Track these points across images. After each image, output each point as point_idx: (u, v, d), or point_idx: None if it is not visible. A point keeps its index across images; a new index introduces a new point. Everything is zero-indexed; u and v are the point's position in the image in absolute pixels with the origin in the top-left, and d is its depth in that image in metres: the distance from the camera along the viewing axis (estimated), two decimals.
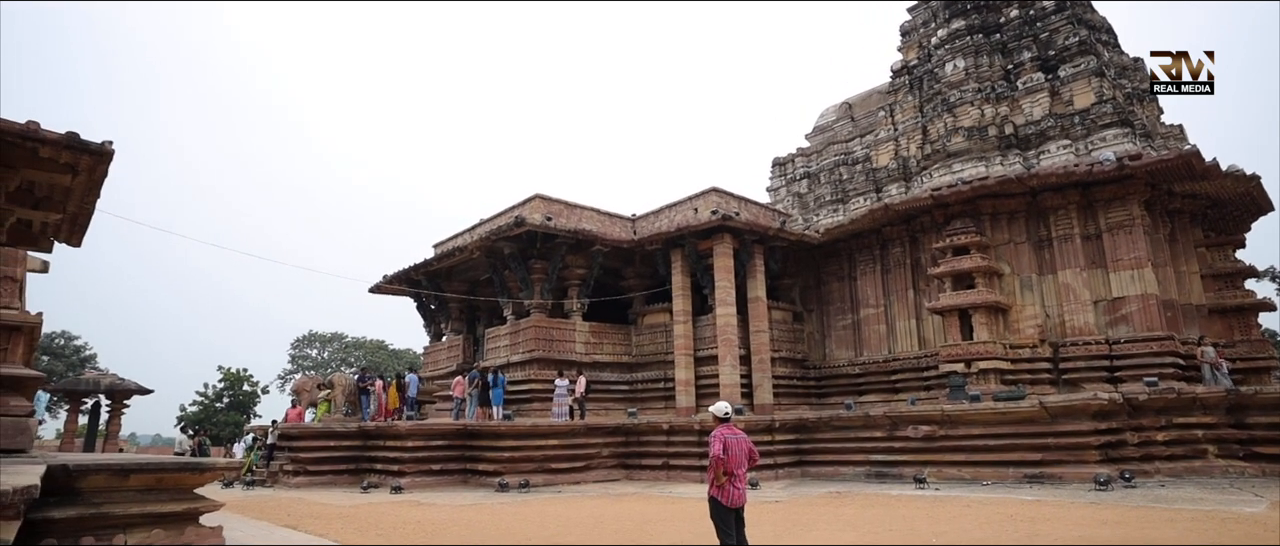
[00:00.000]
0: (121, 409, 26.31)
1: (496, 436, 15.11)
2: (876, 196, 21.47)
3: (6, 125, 8.34)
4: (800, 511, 10.48)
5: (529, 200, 20.02)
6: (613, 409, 19.23)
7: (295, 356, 54.77)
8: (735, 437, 5.46)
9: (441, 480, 15.00)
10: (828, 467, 16.10)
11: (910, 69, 21.86)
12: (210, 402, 41.07)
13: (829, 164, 23.63)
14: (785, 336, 20.85)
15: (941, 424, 14.39)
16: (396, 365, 47.17)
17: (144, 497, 6.42)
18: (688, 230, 18.72)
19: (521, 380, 18.70)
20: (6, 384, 7.19)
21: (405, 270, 23.00)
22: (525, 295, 19.65)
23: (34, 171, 9.27)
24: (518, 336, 19.50)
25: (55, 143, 8.82)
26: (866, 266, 20.57)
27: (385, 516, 10.40)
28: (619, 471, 16.60)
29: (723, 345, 18.21)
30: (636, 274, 21.29)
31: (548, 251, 19.35)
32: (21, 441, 7.12)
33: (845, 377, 20.34)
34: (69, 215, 11.12)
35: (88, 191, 10.27)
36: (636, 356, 20.67)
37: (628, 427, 16.82)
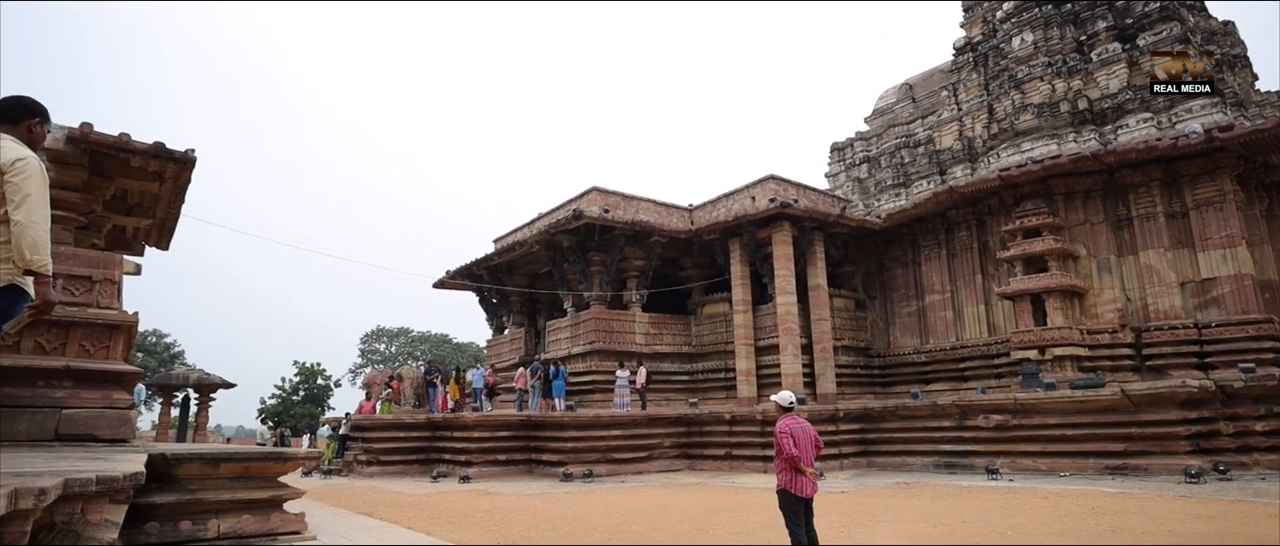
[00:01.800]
0: (208, 402, 27.80)
1: (560, 427, 15.35)
2: (940, 179, 20.80)
3: (101, 138, 8.92)
4: (868, 502, 10.31)
5: (586, 193, 20.18)
6: (673, 399, 19.28)
7: (365, 351, 56.75)
8: (801, 427, 5.40)
9: (507, 470, 15.34)
10: (894, 458, 15.76)
11: (974, 46, 21.04)
12: (288, 396, 43.02)
13: (889, 147, 23.00)
14: (847, 324, 20.46)
15: (1014, 413, 13.90)
16: (460, 358, 48.38)
17: (233, 485, 6.80)
18: (746, 219, 18.54)
19: (582, 371, 18.93)
20: (109, 378, 7.69)
21: (467, 265, 23.52)
22: (584, 287, 19.86)
23: (126, 180, 9.87)
24: (578, 328, 19.73)
25: (144, 152, 9.38)
26: (931, 251, 19.96)
27: (455, 505, 10.71)
28: (681, 461, 16.65)
29: (783, 334, 18.01)
30: (695, 264, 21.23)
31: (606, 243, 19.48)
32: (124, 432, 7.62)
33: (911, 366, 19.83)
34: (157, 220, 11.80)
35: (173, 197, 10.88)
36: (696, 346, 20.65)
37: (689, 418, 16.84)
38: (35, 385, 6.91)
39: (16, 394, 6.59)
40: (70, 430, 6.94)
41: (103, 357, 7.81)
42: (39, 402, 6.81)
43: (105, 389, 7.55)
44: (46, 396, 6.97)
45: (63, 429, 6.87)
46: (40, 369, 6.95)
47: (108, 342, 7.94)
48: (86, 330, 7.54)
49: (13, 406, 6.56)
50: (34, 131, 2.82)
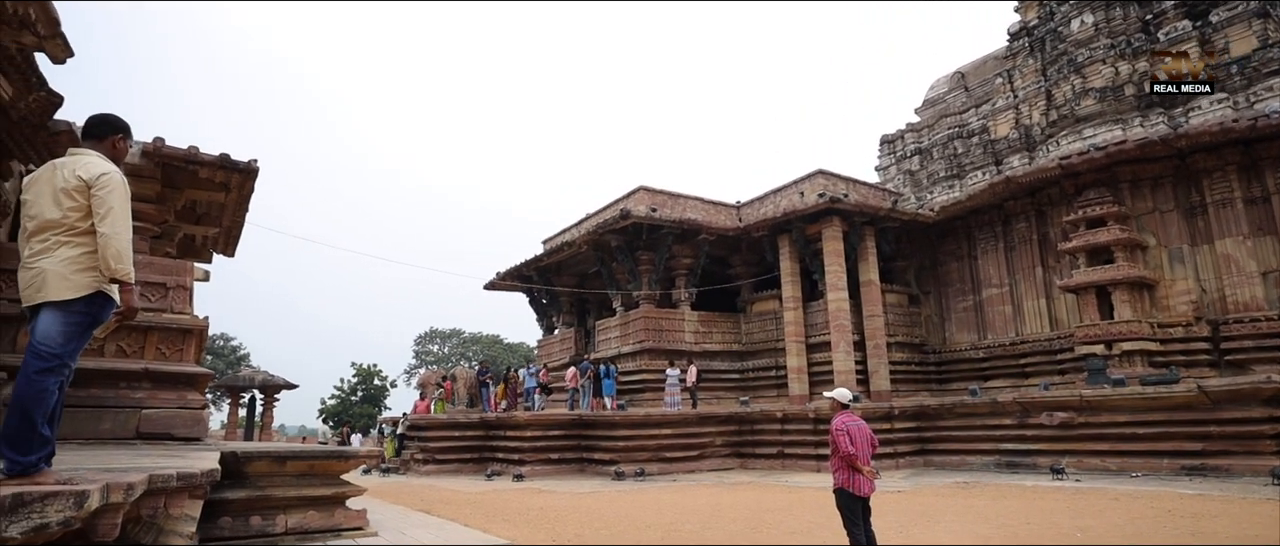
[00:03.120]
0: (273, 402, 28.91)
1: (611, 426, 15.43)
2: (996, 169, 20.16)
3: (172, 151, 9.34)
4: (926, 501, 10.07)
5: (633, 193, 20.23)
6: (724, 397, 19.18)
7: (419, 352, 58.12)
8: (857, 425, 5.31)
9: (559, 468, 15.50)
10: (952, 456, 15.35)
11: (1030, 30, 20.32)
12: (346, 396, 44.36)
13: (942, 138, 22.40)
14: (901, 320, 20.01)
15: (1080, 410, 13.37)
16: (511, 358, 49.10)
17: (299, 482, 7.05)
18: (794, 215, 18.31)
19: (632, 370, 18.99)
20: (183, 380, 8.07)
21: (517, 267, 23.85)
22: (633, 286, 19.92)
23: (195, 191, 10.31)
24: (627, 327, 19.80)
25: (211, 164, 9.79)
26: (988, 244, 19.35)
27: (510, 503, 10.87)
28: (733, 460, 16.55)
29: (835, 331, 17.73)
30: (743, 261, 21.08)
31: (654, 242, 19.50)
32: (198, 431, 7.98)
33: (968, 362, 19.28)
34: (224, 228, 12.30)
35: (238, 206, 11.33)
36: (746, 344, 20.50)
37: (741, 416, 16.72)
38: (117, 386, 7.28)
39: (101, 394, 6.96)
40: (149, 429, 7.30)
41: (177, 360, 8.18)
42: (121, 403, 7.19)
43: (180, 389, 7.91)
44: (128, 397, 7.34)
45: (143, 428, 7.23)
46: (122, 371, 7.33)
47: (181, 346, 8.32)
48: (162, 334, 7.91)
49: (97, 406, 6.93)
50: (117, 147, 2.97)
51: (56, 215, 2.64)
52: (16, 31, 4.01)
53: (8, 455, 2.34)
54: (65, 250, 2.61)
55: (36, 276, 2.59)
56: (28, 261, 2.63)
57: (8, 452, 2.35)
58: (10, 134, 6.00)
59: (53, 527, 2.04)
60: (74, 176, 2.68)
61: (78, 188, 2.66)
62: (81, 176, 2.68)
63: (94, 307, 2.66)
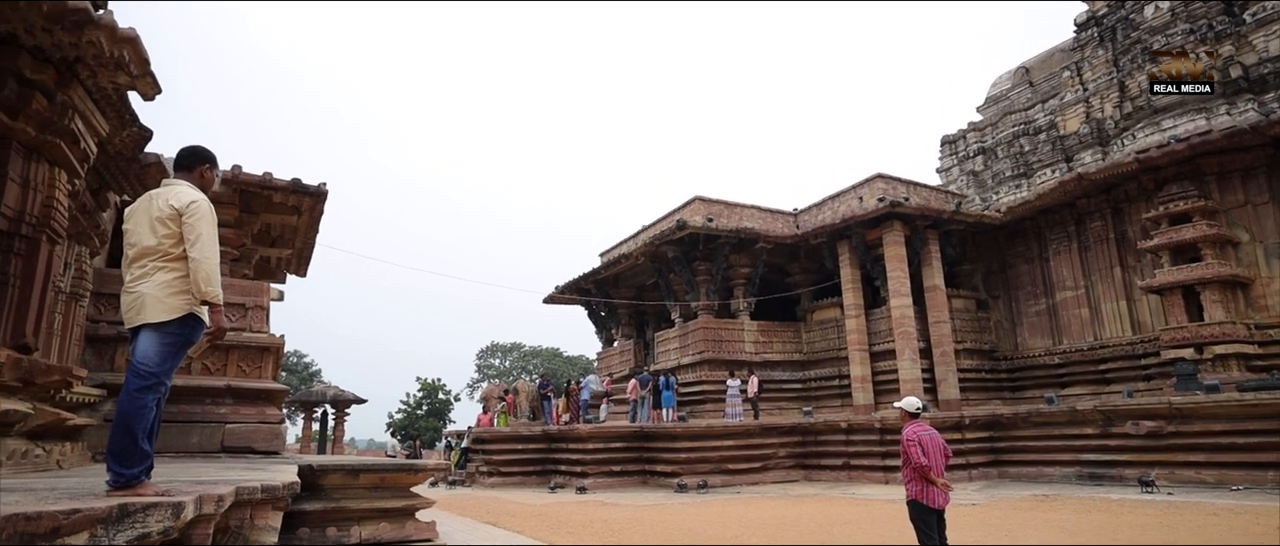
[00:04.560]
0: (343, 416, 29.95)
1: (672, 438, 15.37)
2: (1067, 167, 19.32)
3: (248, 178, 9.82)
4: (1004, 515, 9.66)
5: (688, 203, 20.22)
6: (786, 408, 18.88)
7: (481, 366, 59.24)
8: (929, 435, 5.13)
9: (622, 481, 15.51)
10: (1029, 468, 14.69)
11: (1099, 19, 19.46)
12: (412, 410, 45.54)
13: (1006, 136, 21.62)
14: (969, 326, 19.33)
15: (1169, 418, 12.62)
16: (571, 371, 49.54)
17: (371, 494, 7.25)
18: (853, 220, 17.95)
19: (692, 382, 18.90)
20: (262, 396, 8.44)
21: (574, 280, 24.10)
22: (691, 297, 19.86)
23: (270, 215, 10.79)
24: (686, 338, 19.74)
25: (284, 188, 10.25)
26: (1060, 245, 18.52)
27: (573, 515, 10.93)
28: (797, 471, 16.25)
29: (899, 338, 17.26)
30: (802, 269, 20.78)
31: (711, 252, 19.42)
32: (277, 445, 8.32)
33: (1042, 368, 18.44)
34: (296, 250, 12.83)
35: (309, 228, 11.80)
36: (807, 353, 20.15)
37: (804, 427, 16.43)
38: (203, 402, 7.67)
39: (190, 410, 7.33)
40: (232, 443, 7.65)
41: (257, 377, 8.57)
42: (207, 418, 7.56)
43: (259, 405, 8.27)
44: (213, 412, 7.72)
45: (227, 441, 7.58)
46: (207, 388, 7.72)
47: (260, 363, 8.70)
48: (242, 352, 8.29)
49: (186, 421, 7.31)
50: (205, 177, 3.14)
51: (153, 242, 2.80)
52: (113, 72, 4.28)
53: (113, 468, 2.49)
54: (161, 275, 2.77)
55: (136, 300, 2.75)
56: (129, 286, 2.81)
57: (113, 466, 2.50)
58: (107, 167, 6.42)
59: (154, 536, 2.15)
60: (167, 205, 2.84)
61: (170, 216, 2.83)
62: (173, 205, 2.85)
63: (187, 328, 2.81)
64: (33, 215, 4.12)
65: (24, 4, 3.39)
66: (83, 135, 4.59)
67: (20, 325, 4.06)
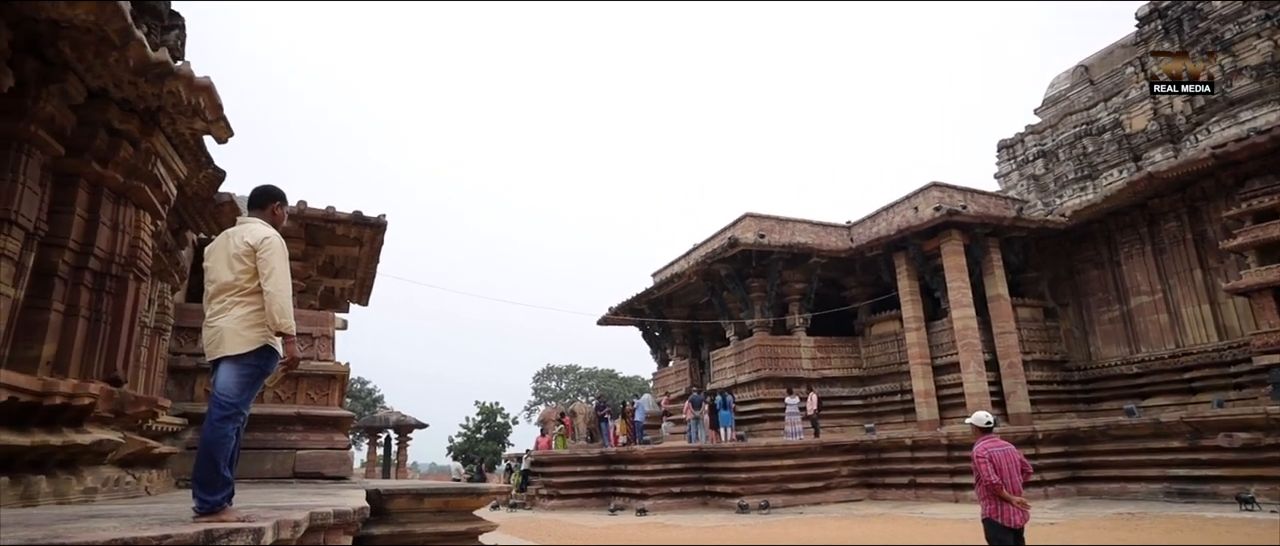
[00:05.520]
0: (406, 441, 30.61)
1: (731, 458, 15.19)
2: (1135, 166, 18.50)
3: (313, 212, 10.22)
4: (1090, 534, 9.18)
5: (739, 220, 20.13)
6: (847, 425, 18.45)
7: (537, 388, 59.80)
8: (1002, 451, 4.93)
9: (682, 502, 15.38)
10: (1110, 484, 13.95)
11: (1162, 11, 18.67)
12: (472, 433, 46.22)
13: (1068, 137, 20.85)
14: (1037, 336, 18.55)
15: (1266, 430, 11.81)
16: (626, 392, 49.57)
17: (436, 518, 7.36)
18: (909, 231, 17.54)
19: (750, 400, 18.67)
20: (330, 423, 8.70)
21: (628, 301, 24.18)
22: (746, 315, 19.69)
23: (333, 247, 11.19)
24: (742, 356, 19.55)
25: (346, 221, 10.62)
26: (1132, 248, 17.67)
27: (635, 537, 10.88)
28: (861, 490, 15.83)
29: (963, 351, 16.70)
30: (858, 283, 20.37)
31: (764, 269, 19.24)
32: (344, 470, 8.56)
33: (1119, 378, 17.53)
34: (359, 280, 13.25)
35: (370, 258, 12.18)
36: (867, 369, 19.68)
37: (866, 444, 16.02)
38: (275, 429, 7.96)
39: (263, 437, 7.61)
40: (303, 468, 7.90)
41: (324, 404, 8.84)
42: (279, 445, 7.83)
43: (328, 431, 8.52)
44: (284, 439, 8.00)
45: (298, 467, 7.83)
46: (278, 415, 8.00)
47: (327, 391, 8.98)
48: (311, 380, 8.58)
49: (260, 448, 7.59)
50: (276, 213, 3.30)
51: (230, 278, 2.95)
52: (190, 119, 4.55)
53: (198, 495, 2.61)
54: (238, 309, 2.91)
55: (216, 334, 2.90)
56: (209, 320, 2.95)
57: (198, 493, 2.61)
58: (185, 207, 6.78)
59: None
60: (242, 242, 2.99)
61: (246, 252, 2.97)
62: (248, 242, 2.99)
63: (263, 360, 2.93)
64: (121, 256, 4.38)
65: (113, 59, 3.64)
66: (164, 179, 4.87)
67: (112, 359, 4.30)
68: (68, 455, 3.82)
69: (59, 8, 3.21)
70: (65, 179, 4.01)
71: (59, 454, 3.71)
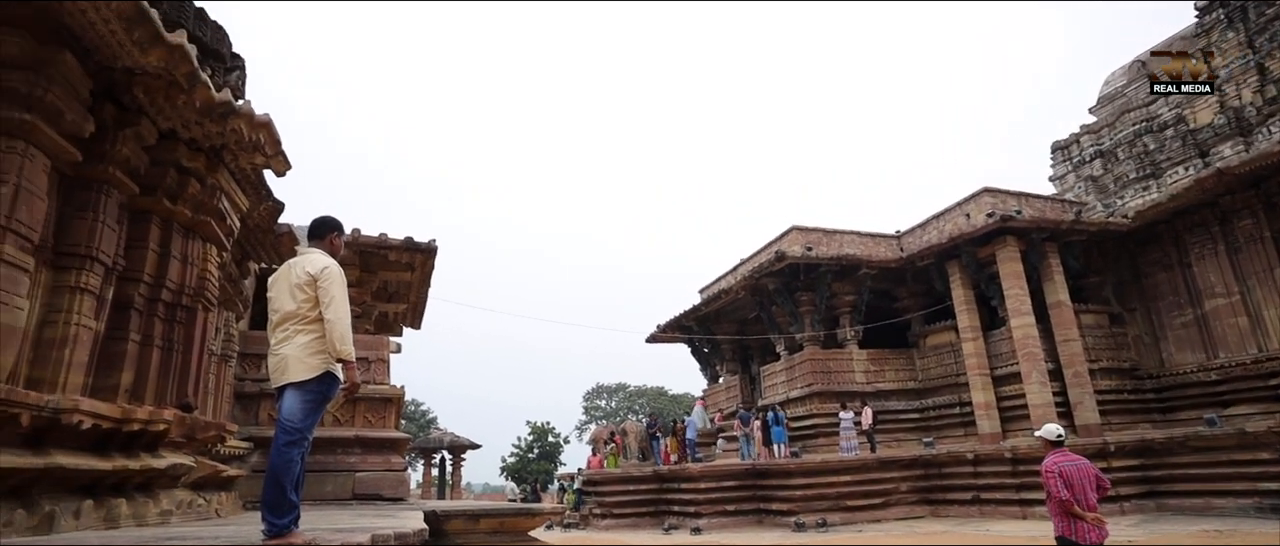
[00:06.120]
0: (460, 461, 31.02)
1: (786, 475, 14.94)
2: (1202, 162, 17.67)
3: (367, 239, 10.52)
4: None
5: (786, 233, 19.95)
6: (904, 439, 17.96)
7: (588, 407, 59.98)
8: (1074, 465, 4.72)
9: (737, 520, 15.17)
10: (1193, 499, 13.21)
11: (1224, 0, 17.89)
12: (524, 453, 46.55)
13: (1127, 136, 20.07)
14: (1103, 343, 17.76)
15: None
16: (676, 409, 49.32)
17: (491, 538, 7.42)
18: (961, 238, 17.09)
19: (803, 415, 18.37)
20: (387, 445, 8.89)
21: (676, 318, 24.12)
22: (795, 329, 19.42)
23: (386, 272, 11.48)
24: (793, 371, 19.27)
25: (398, 247, 10.89)
26: (1204, 248, 16.81)
27: None
28: (922, 507, 15.36)
29: (1024, 360, 16.11)
30: (910, 293, 19.90)
31: (812, 282, 18.98)
32: (402, 491, 8.72)
33: (1196, 386, 16.61)
34: (411, 304, 13.55)
35: (422, 283, 12.45)
36: (923, 381, 19.15)
37: (926, 459, 15.57)
38: (335, 452, 8.16)
39: (324, 460, 7.81)
40: (362, 490, 8.07)
41: (381, 426, 9.04)
42: (339, 467, 8.03)
43: (385, 453, 8.70)
44: (344, 461, 8.19)
45: (357, 489, 8.01)
46: (338, 439, 8.21)
47: (384, 414, 9.18)
48: (368, 404, 8.79)
49: (321, 471, 7.79)
50: (334, 243, 3.41)
51: (293, 307, 3.06)
52: (251, 154, 4.75)
53: (267, 518, 2.70)
54: (301, 336, 3.01)
55: (280, 361, 3.00)
56: (274, 348, 3.07)
57: (267, 515, 2.70)
58: (247, 239, 7.06)
59: None
60: (303, 272, 3.10)
61: (307, 282, 3.08)
62: (308, 272, 3.10)
63: (325, 385, 3.03)
64: (191, 287, 4.59)
65: (181, 101, 3.84)
66: (228, 212, 5.09)
67: (183, 386, 4.49)
68: (145, 479, 3.99)
69: (133, 56, 3.40)
70: (139, 216, 4.22)
71: (137, 478, 3.87)
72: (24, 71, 3.15)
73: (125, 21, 3.18)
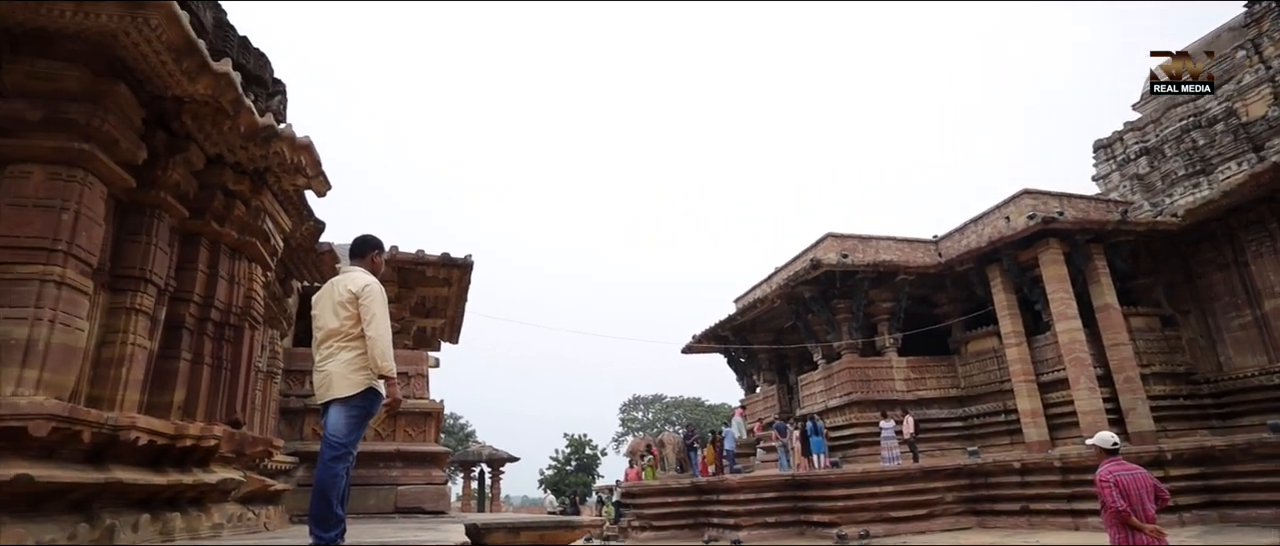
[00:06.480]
0: (499, 474, 31.23)
1: (826, 485, 14.72)
2: (1255, 157, 17.01)
3: (404, 256, 10.70)
4: None
5: (821, 241, 19.75)
6: (948, 448, 17.57)
7: (624, 419, 59.95)
8: (1130, 474, 4.57)
9: (778, 532, 14.98)
10: (1260, 509, 12.63)
11: None
12: (561, 466, 46.65)
13: (1174, 132, 19.43)
14: (1155, 346, 17.14)
15: None
16: (713, 420, 48.99)
17: None
18: (1002, 242, 16.71)
19: (842, 425, 18.10)
20: (428, 459, 9.00)
21: (711, 328, 24.01)
22: (832, 337, 19.18)
23: (424, 288, 11.65)
24: (831, 380, 19.01)
25: (435, 263, 11.06)
26: (1261, 246, 16.13)
27: None
28: (968, 518, 14.97)
29: (1071, 366, 15.64)
30: (950, 299, 19.51)
31: (849, 289, 18.73)
32: (443, 504, 8.80)
33: (1258, 390, 15.89)
34: (448, 319, 13.72)
35: (459, 298, 12.60)
36: (965, 388, 18.72)
37: (970, 469, 15.19)
38: (377, 466, 8.29)
39: (366, 474, 7.94)
40: (404, 503, 8.18)
41: (421, 440, 9.15)
42: (381, 481, 8.15)
43: (426, 467, 8.80)
44: (385, 475, 8.31)
45: (399, 503, 8.12)
46: (380, 453, 8.34)
47: (424, 428, 9.30)
48: (408, 418, 8.91)
49: (364, 484, 7.91)
50: (375, 262, 3.50)
51: (336, 324, 3.13)
52: (293, 176, 4.89)
53: (314, 531, 2.76)
54: (344, 353, 3.08)
55: (325, 378, 3.07)
56: (318, 365, 3.14)
57: (314, 529, 2.76)
58: (290, 258, 7.26)
59: None
60: (345, 290, 3.18)
61: (349, 299, 3.15)
62: (350, 290, 3.18)
63: (368, 401, 3.09)
64: (238, 306, 4.72)
65: (227, 126, 3.97)
66: (272, 233, 5.24)
67: (232, 402, 4.62)
68: (198, 493, 4.10)
69: (182, 85, 3.54)
70: (189, 238, 4.37)
71: (190, 492, 3.99)
72: (83, 103, 3.29)
73: (175, 52, 3.31)
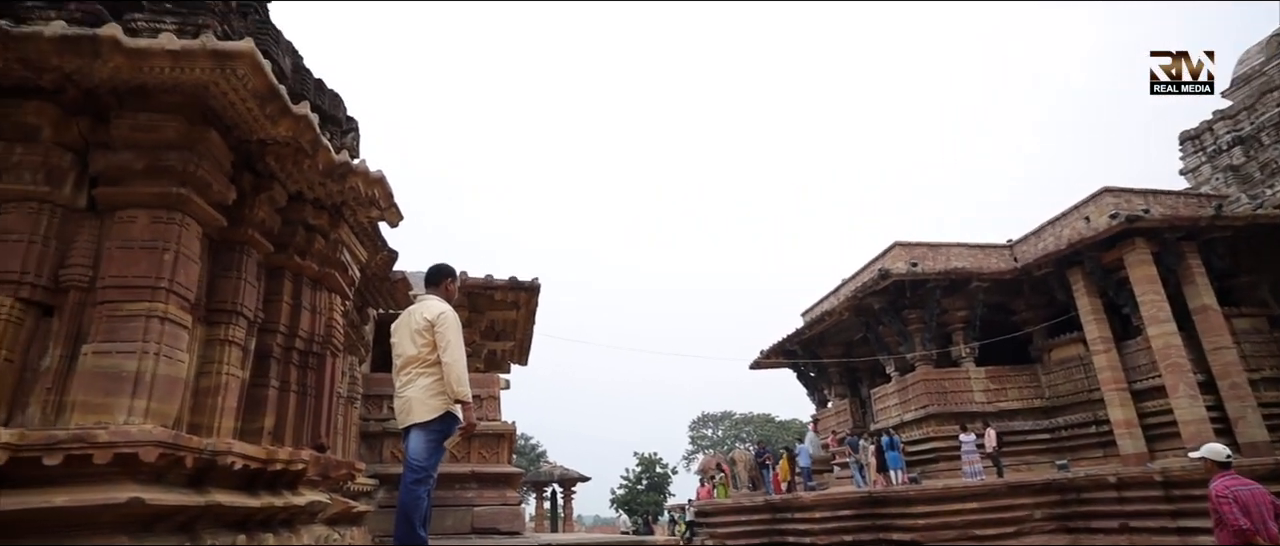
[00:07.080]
0: (571, 494, 31.40)
1: (906, 503, 14.21)
2: None
3: (474, 281, 10.97)
4: None
5: (888, 250, 19.27)
6: (1034, 462, 16.72)
7: (694, 437, 59.48)
8: (1248, 490, 4.24)
9: None
10: None
11: None
12: (633, 485, 46.56)
13: (1271, 118, 18.15)
14: (1264, 350, 15.88)
15: None
16: (784, 436, 48.09)
17: None
18: (1082, 244, 15.89)
19: (919, 439, 17.48)
20: (502, 480, 9.14)
21: (779, 343, 23.65)
22: (905, 348, 18.60)
23: (493, 312, 11.91)
24: (906, 393, 18.42)
25: (503, 287, 11.30)
26: None
27: None
28: (1060, 536, 14.15)
29: (1167, 372, 14.68)
30: (1028, 305, 18.64)
31: (920, 299, 18.16)
32: (517, 525, 8.92)
33: None
34: (517, 341, 13.97)
35: (527, 320, 12.83)
36: (1050, 399, 17.79)
37: (1060, 483, 14.38)
38: (453, 488, 8.47)
39: (443, 495, 8.13)
40: (480, 524, 8.32)
41: (495, 462, 9.32)
42: (458, 502, 8.33)
43: (500, 488, 8.95)
44: (462, 497, 8.49)
45: (475, 523, 8.27)
46: (455, 474, 8.53)
47: (497, 449, 9.46)
48: (482, 440, 9.09)
49: (441, 505, 8.09)
50: (448, 289, 3.62)
51: (414, 351, 3.25)
52: (367, 209, 5.11)
53: None
54: (422, 379, 3.19)
55: (405, 403, 3.19)
56: (399, 391, 3.26)
57: None
58: (366, 287, 7.56)
59: None
60: (422, 318, 3.29)
61: (425, 327, 3.27)
62: (426, 318, 3.29)
63: (446, 425, 3.18)
64: (320, 335, 4.95)
65: (306, 165, 4.19)
66: (350, 264, 5.48)
67: (316, 427, 4.83)
68: (288, 515, 4.29)
69: (266, 128, 3.77)
70: (274, 272, 4.62)
71: (281, 514, 4.17)
72: (179, 151, 3.54)
73: (259, 98, 3.53)
